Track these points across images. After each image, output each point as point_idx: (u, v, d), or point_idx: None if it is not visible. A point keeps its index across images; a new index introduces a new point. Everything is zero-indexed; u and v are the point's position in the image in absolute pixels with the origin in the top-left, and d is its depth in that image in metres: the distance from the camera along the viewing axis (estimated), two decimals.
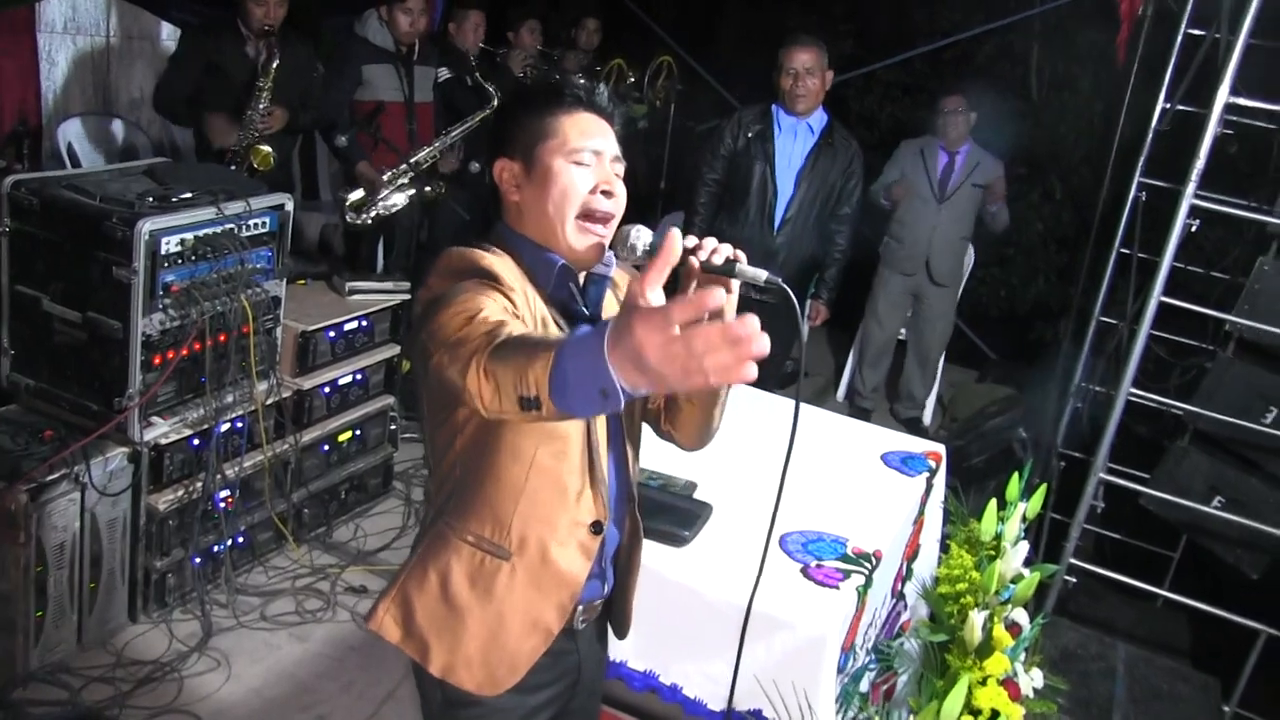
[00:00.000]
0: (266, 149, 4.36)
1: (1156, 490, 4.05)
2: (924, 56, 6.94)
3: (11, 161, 4.31)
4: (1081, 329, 4.97)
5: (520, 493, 1.64)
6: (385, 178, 4.74)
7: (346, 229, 4.93)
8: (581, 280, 1.70)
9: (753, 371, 1.07)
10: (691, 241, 1.56)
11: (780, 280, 1.53)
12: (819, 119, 4.31)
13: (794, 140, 4.30)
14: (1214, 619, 3.69)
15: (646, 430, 1.91)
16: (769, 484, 2.58)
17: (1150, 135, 4.42)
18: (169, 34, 5.28)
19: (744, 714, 2.17)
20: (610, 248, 1.67)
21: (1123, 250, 4.60)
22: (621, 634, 1.94)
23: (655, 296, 1.19)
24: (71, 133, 4.91)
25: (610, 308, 1.76)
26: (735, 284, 1.57)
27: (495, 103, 4.83)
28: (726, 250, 1.55)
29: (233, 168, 4.30)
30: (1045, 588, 4.01)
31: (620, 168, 1.69)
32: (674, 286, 1.65)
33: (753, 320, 1.06)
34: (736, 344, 1.05)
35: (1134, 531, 4.46)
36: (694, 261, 1.55)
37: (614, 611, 1.92)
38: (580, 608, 1.76)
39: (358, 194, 4.77)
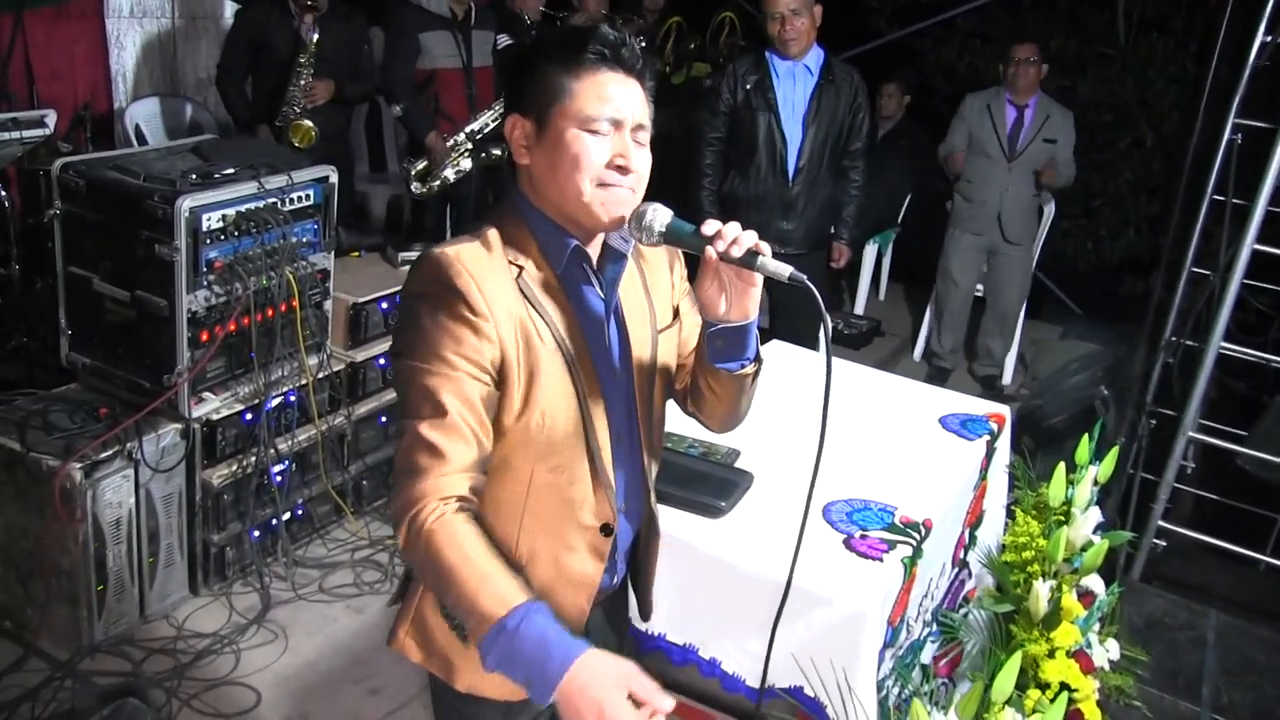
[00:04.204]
0: (308, 124, 4.38)
1: (1254, 449, 3.85)
2: (1002, 1, 6.65)
3: (79, 146, 4.39)
4: (1173, 281, 4.73)
5: (523, 510, 1.58)
6: (449, 144, 4.73)
7: (413, 199, 4.93)
8: (597, 258, 1.59)
9: None
10: (711, 228, 1.46)
11: (805, 279, 1.42)
12: (815, 58, 4.10)
13: (794, 85, 4.10)
14: None
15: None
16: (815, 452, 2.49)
17: (1247, 72, 4.16)
18: (231, 13, 5.32)
19: (782, 691, 2.09)
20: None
21: (1216, 197, 4.35)
22: (645, 617, 1.89)
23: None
24: (139, 115, 5.00)
25: (629, 286, 1.64)
26: (759, 276, 1.47)
27: None
28: (749, 240, 1.44)
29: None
30: (1132, 553, 3.84)
31: (644, 136, 1.52)
32: (693, 271, 1.56)
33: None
34: None
35: (1235, 492, 4.24)
36: (711, 253, 1.45)
37: (637, 596, 1.86)
38: None
39: (422, 163, 4.77)
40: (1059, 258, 6.40)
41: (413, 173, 4.77)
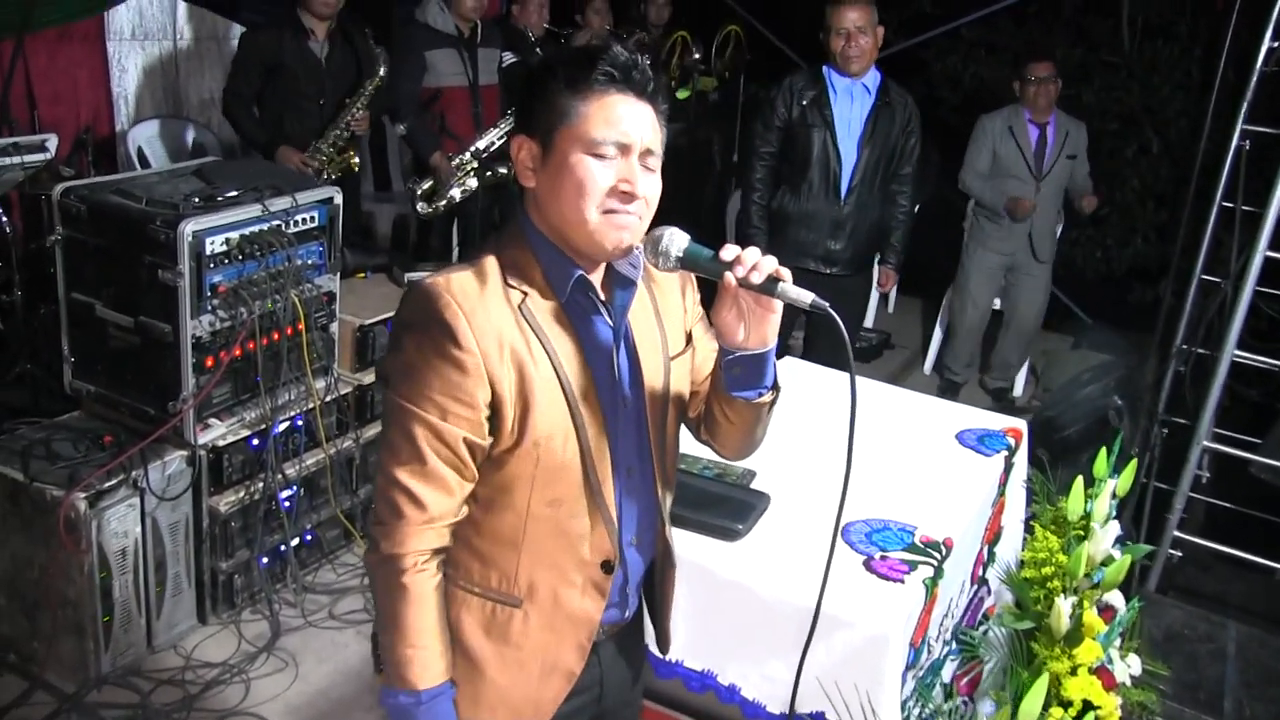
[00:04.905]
0: (354, 156, 4.39)
1: (1267, 457, 3.81)
2: (1008, 11, 6.62)
3: (81, 170, 4.37)
4: (1182, 289, 4.70)
5: (521, 544, 1.55)
6: (455, 163, 4.72)
7: (419, 218, 4.91)
8: (604, 284, 1.55)
9: None
10: (729, 253, 1.42)
11: (827, 305, 1.39)
12: (873, 78, 4.08)
13: (852, 103, 4.07)
14: None
15: None
16: (834, 471, 2.45)
17: (1255, 78, 4.14)
18: (237, 34, 5.31)
19: (805, 717, 2.05)
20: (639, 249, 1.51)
21: (1225, 204, 4.32)
22: (663, 649, 1.85)
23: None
24: (142, 137, 4.98)
25: (640, 312, 1.60)
26: (779, 303, 1.43)
27: None
28: (769, 266, 1.41)
29: (327, 177, 4.36)
30: (1147, 564, 3.80)
31: (654, 161, 1.48)
32: (710, 295, 1.53)
33: None
34: None
35: (1247, 500, 4.20)
36: (730, 278, 1.41)
37: (655, 627, 1.82)
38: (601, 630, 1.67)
39: (428, 183, 4.75)
40: (1068, 267, 6.36)
41: (418, 192, 4.75)
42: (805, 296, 1.39)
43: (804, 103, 4.05)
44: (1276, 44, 3.98)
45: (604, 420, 1.53)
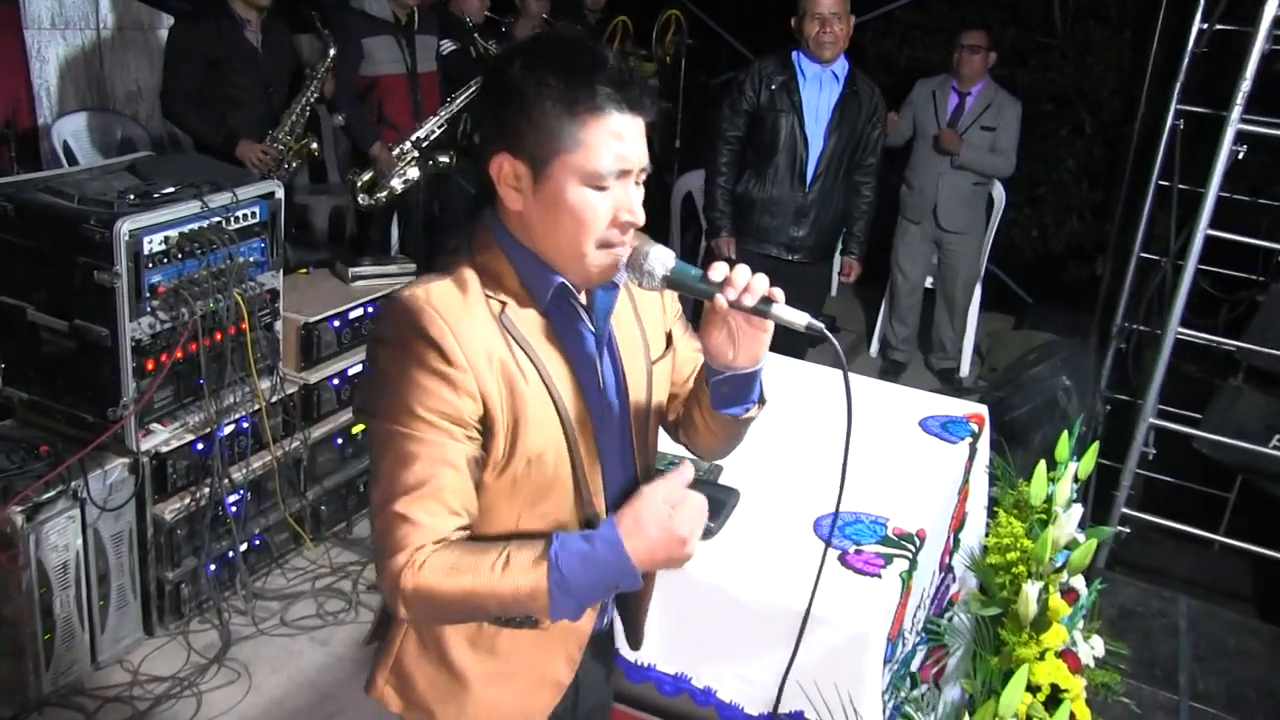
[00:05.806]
0: (313, 141, 4.32)
1: (1209, 432, 3.88)
2: None
3: (4, 166, 4.19)
4: (1121, 267, 4.77)
5: None
6: (395, 153, 4.61)
7: (358, 211, 4.80)
8: (584, 290, 1.48)
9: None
10: (719, 273, 1.36)
11: (823, 327, 1.35)
12: (842, 66, 4.08)
13: (820, 90, 4.06)
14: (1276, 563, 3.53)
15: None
16: (801, 463, 2.42)
17: (1186, 59, 4.20)
18: (164, 22, 5.11)
19: (784, 717, 2.02)
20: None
21: (1161, 182, 4.39)
22: (635, 645, 1.81)
23: None
24: (67, 131, 4.78)
25: (621, 316, 1.54)
26: (770, 324, 1.38)
27: None
28: (761, 287, 1.35)
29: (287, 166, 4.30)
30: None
31: (643, 176, 1.41)
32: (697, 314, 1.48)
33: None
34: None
35: (1185, 473, 4.28)
36: (721, 301, 1.35)
37: (626, 627, 1.78)
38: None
39: (368, 174, 4.64)
40: (1006, 247, 6.43)
41: (358, 184, 4.64)
42: (800, 319, 1.35)
43: (772, 87, 4.03)
44: (1205, 26, 4.05)
45: (593, 429, 1.48)
